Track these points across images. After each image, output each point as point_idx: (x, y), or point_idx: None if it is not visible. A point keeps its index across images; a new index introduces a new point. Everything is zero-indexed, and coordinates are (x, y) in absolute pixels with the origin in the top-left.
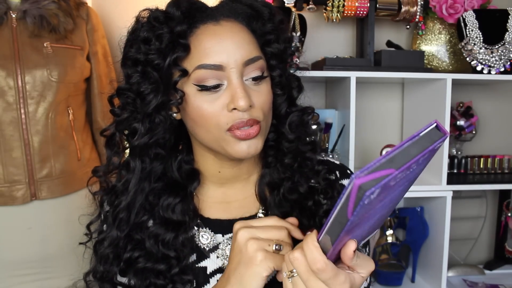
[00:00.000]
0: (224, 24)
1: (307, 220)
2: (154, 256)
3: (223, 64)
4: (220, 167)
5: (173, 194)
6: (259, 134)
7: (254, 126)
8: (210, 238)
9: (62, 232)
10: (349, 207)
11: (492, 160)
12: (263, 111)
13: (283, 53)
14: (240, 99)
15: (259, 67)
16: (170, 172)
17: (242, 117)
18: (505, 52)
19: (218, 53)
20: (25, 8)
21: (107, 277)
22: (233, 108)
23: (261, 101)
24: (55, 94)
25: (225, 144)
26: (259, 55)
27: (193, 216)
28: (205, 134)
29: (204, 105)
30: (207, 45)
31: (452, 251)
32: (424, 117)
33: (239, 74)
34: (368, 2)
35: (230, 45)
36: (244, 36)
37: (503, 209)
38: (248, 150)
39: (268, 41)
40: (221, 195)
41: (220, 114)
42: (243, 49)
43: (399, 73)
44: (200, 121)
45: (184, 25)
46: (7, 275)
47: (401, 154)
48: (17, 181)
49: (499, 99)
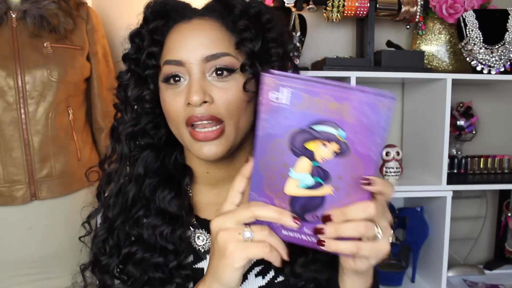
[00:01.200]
0: (195, 22)
1: None
2: (152, 247)
3: (182, 60)
4: (208, 168)
5: (168, 187)
6: (222, 137)
7: (215, 127)
8: (205, 240)
9: (62, 232)
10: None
11: (492, 160)
12: (227, 109)
13: (264, 53)
14: (193, 93)
15: (226, 64)
16: (166, 165)
17: (198, 111)
18: (505, 52)
19: (179, 49)
20: (25, 8)
21: (107, 269)
22: (188, 103)
23: (224, 98)
24: (55, 94)
25: (188, 144)
26: (224, 51)
27: (188, 211)
28: (174, 129)
29: (167, 99)
30: (171, 42)
31: (452, 251)
32: (424, 117)
33: (198, 70)
34: (368, 2)
35: (191, 41)
36: (211, 33)
37: (503, 209)
38: (208, 153)
39: (243, 39)
40: (214, 197)
41: (181, 109)
42: (204, 45)
43: (399, 73)
44: (167, 115)
45: (159, 23)
46: (7, 275)
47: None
48: (17, 181)
49: (499, 99)
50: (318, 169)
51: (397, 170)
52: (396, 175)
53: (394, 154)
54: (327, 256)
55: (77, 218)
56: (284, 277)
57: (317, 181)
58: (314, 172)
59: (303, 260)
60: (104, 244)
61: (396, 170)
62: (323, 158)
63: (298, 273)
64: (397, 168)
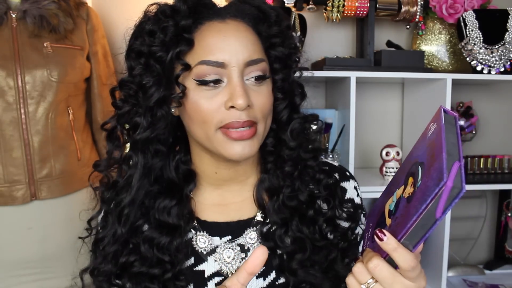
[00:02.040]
0: (230, 23)
1: (307, 228)
2: (149, 261)
3: (225, 62)
4: (217, 168)
5: (169, 197)
6: (254, 137)
7: (249, 128)
8: (207, 242)
9: (62, 232)
10: (439, 207)
11: (492, 160)
12: (262, 113)
13: (287, 58)
14: (239, 97)
15: (261, 69)
16: (167, 172)
17: (239, 117)
18: (505, 52)
19: (221, 50)
20: (25, 8)
21: (106, 277)
22: (231, 106)
23: (261, 102)
24: (55, 94)
25: (217, 144)
26: (262, 57)
27: (188, 219)
28: (199, 131)
29: (201, 101)
30: (211, 41)
31: (452, 251)
32: (424, 117)
33: (239, 73)
34: (368, 2)
35: (234, 43)
36: (249, 37)
37: (503, 209)
38: (242, 152)
39: (273, 44)
40: (217, 197)
41: (217, 111)
42: (247, 49)
43: (399, 73)
44: (196, 117)
45: (189, 20)
46: (7, 275)
47: (450, 145)
48: (17, 181)
49: (499, 99)
50: (399, 200)
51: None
52: None
53: (394, 154)
54: (326, 259)
55: (77, 218)
56: (285, 278)
57: (391, 209)
58: (397, 201)
59: (300, 256)
60: (104, 251)
61: (396, 170)
62: (403, 195)
63: (295, 270)
64: (397, 168)
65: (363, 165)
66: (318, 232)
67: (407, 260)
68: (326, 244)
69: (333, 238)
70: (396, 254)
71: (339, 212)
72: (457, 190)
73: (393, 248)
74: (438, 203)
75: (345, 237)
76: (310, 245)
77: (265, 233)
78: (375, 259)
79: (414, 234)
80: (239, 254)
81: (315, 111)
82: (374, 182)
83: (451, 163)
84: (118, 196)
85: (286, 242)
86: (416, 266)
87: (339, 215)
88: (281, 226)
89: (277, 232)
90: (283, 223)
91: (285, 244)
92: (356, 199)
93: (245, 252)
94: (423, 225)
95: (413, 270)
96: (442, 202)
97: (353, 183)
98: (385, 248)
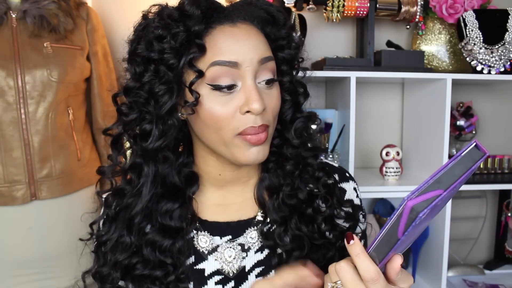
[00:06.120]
0: (241, 26)
1: (306, 226)
2: (151, 263)
3: (238, 61)
4: (221, 170)
5: (172, 200)
6: (266, 140)
7: (264, 131)
8: (208, 241)
9: (62, 232)
10: (400, 227)
11: (492, 160)
12: (273, 116)
13: (293, 59)
14: (255, 101)
15: (271, 69)
16: (170, 176)
17: (255, 121)
18: (505, 52)
19: (234, 51)
20: (25, 8)
21: (108, 279)
22: (247, 111)
23: (272, 105)
24: (55, 94)
25: (234, 149)
26: (272, 56)
27: (191, 221)
28: (214, 136)
29: (217, 107)
30: (223, 44)
31: (452, 251)
32: (424, 117)
33: (253, 75)
34: (368, 2)
35: (246, 45)
36: (260, 38)
37: (503, 209)
38: (256, 156)
39: (280, 46)
40: (219, 198)
41: (233, 117)
42: (259, 48)
43: (399, 73)
44: (211, 123)
45: (202, 25)
46: (7, 275)
47: (446, 174)
48: (17, 181)
49: (499, 99)
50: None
51: (397, 170)
52: (396, 175)
53: (394, 154)
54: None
55: (77, 218)
56: None
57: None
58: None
59: (298, 254)
60: (107, 256)
61: (396, 170)
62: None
63: None
64: (397, 168)
65: (363, 165)
66: (316, 230)
67: (368, 269)
68: (324, 243)
69: (332, 237)
70: (358, 260)
71: (338, 211)
72: (415, 213)
73: (356, 253)
74: (399, 222)
75: (343, 236)
76: (309, 244)
77: (266, 232)
78: (343, 261)
79: (380, 248)
80: (240, 254)
81: (315, 111)
82: (374, 182)
83: (434, 188)
84: (126, 202)
85: (285, 241)
86: (377, 280)
87: (337, 214)
88: (280, 225)
89: (277, 231)
90: (282, 222)
91: (285, 243)
92: (356, 200)
93: (246, 252)
94: (388, 241)
95: (373, 283)
96: (403, 222)
97: (353, 184)
98: (350, 252)
